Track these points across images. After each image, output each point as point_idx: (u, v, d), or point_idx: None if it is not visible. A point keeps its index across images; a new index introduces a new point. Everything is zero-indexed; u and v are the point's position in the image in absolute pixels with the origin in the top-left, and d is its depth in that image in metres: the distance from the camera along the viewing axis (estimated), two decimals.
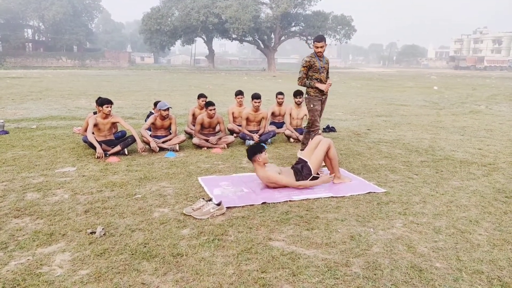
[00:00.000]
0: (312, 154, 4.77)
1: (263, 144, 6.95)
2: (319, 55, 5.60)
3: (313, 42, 5.57)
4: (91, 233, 3.32)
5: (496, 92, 20.50)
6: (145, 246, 3.11)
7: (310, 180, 4.65)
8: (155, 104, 7.18)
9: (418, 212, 3.91)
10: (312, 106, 5.72)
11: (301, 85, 5.74)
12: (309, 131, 5.89)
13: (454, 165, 5.75)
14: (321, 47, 5.48)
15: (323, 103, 5.84)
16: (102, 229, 3.35)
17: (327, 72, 5.75)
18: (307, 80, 5.68)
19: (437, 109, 12.90)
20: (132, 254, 2.98)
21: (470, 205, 4.10)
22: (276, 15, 47.98)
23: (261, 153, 4.56)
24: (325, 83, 5.72)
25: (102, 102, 6.09)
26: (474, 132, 8.62)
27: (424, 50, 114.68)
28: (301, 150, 6.02)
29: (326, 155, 4.81)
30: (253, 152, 4.59)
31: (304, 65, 5.61)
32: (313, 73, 5.63)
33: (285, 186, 4.58)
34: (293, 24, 54.68)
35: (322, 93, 5.70)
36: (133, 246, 3.10)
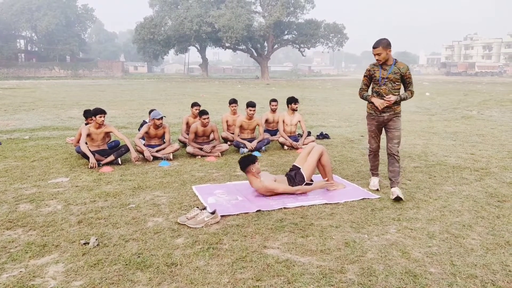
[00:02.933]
0: (305, 161, 4.79)
1: (256, 153, 6.96)
2: (381, 63, 4.45)
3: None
4: (84, 243, 3.30)
5: (487, 98, 20.71)
6: (139, 256, 3.09)
7: (304, 185, 4.66)
8: (150, 112, 7.17)
9: (412, 217, 3.92)
10: (367, 125, 4.81)
11: (360, 98, 4.78)
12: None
13: (447, 170, 5.79)
14: (378, 54, 4.34)
15: (386, 122, 4.60)
16: (96, 239, 3.33)
17: (408, 84, 4.51)
18: (369, 92, 4.70)
19: (429, 115, 13.00)
20: (126, 265, 2.96)
21: (463, 210, 4.13)
22: (268, 23, 48.27)
23: (254, 163, 4.56)
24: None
25: (95, 112, 6.08)
26: (466, 137, 8.69)
27: (415, 57, 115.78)
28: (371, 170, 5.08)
29: (319, 162, 4.83)
30: (246, 163, 4.58)
31: (364, 74, 4.67)
32: (374, 84, 4.58)
33: (282, 193, 4.58)
34: (285, 33, 54.99)
35: (379, 110, 4.53)
36: (127, 257, 3.08)
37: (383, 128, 4.70)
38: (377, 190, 4.77)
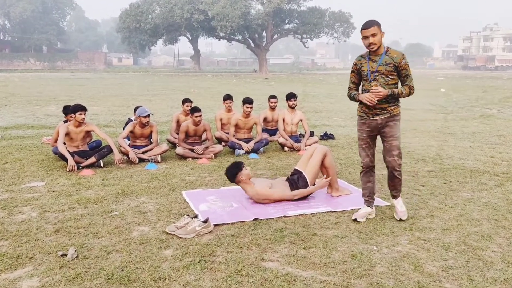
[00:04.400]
0: (307, 164, 4.79)
1: (254, 155, 6.95)
2: (371, 53, 3.89)
3: (360, 30, 3.86)
4: (62, 255, 3.28)
5: (508, 95, 20.80)
6: (122, 270, 3.08)
7: None
8: (136, 110, 7.16)
9: (426, 227, 3.93)
10: (357, 131, 4.22)
11: (349, 99, 4.17)
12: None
13: (464, 175, 5.80)
14: (372, 35, 3.73)
15: (380, 128, 3.99)
16: (75, 251, 3.31)
17: (404, 77, 3.88)
18: (356, 91, 4.09)
19: (445, 114, 13.04)
20: (108, 279, 2.95)
21: (482, 219, 4.14)
22: (268, 11, 48.31)
23: (242, 170, 4.55)
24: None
25: (75, 108, 6.06)
26: (485, 138, 8.72)
27: (430, 49, 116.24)
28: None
29: (322, 164, 4.83)
30: (233, 173, 4.58)
31: (351, 69, 4.13)
32: (363, 81, 4.02)
33: (279, 200, 4.58)
34: (286, 21, 55.07)
35: (371, 111, 3.94)
36: (109, 270, 3.07)
37: (379, 137, 4.09)
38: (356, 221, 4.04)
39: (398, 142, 4.01)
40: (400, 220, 4.07)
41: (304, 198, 4.69)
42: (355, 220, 4.02)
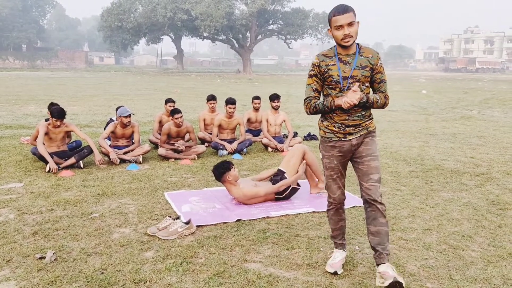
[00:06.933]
0: (289, 164, 4.81)
1: (237, 156, 6.95)
2: (340, 50, 2.92)
3: (331, 17, 2.81)
4: (40, 258, 3.23)
5: (489, 96, 21.21)
6: (102, 273, 3.04)
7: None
8: (117, 109, 7.09)
9: (407, 227, 3.97)
10: (321, 157, 3.16)
11: (310, 113, 3.14)
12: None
13: (445, 175, 5.89)
14: (349, 24, 2.76)
15: (355, 149, 3.02)
16: (53, 253, 3.26)
17: (380, 83, 2.99)
18: (319, 103, 3.00)
19: (426, 115, 13.23)
20: (88, 282, 2.91)
21: (463, 219, 4.20)
22: (252, 11, 48.39)
23: (230, 170, 4.54)
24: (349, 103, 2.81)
25: (52, 113, 5.92)
26: (465, 139, 8.87)
27: (411, 51, 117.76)
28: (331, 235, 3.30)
29: (306, 162, 4.87)
30: (220, 172, 4.55)
31: (311, 73, 3.00)
32: (330, 90, 2.98)
33: (265, 199, 4.60)
34: (270, 22, 55.30)
35: (343, 130, 2.97)
36: (89, 273, 3.03)
37: (350, 161, 3.11)
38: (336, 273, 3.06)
39: (378, 163, 3.00)
40: (390, 286, 2.80)
41: (287, 198, 4.71)
42: (335, 273, 3.04)
